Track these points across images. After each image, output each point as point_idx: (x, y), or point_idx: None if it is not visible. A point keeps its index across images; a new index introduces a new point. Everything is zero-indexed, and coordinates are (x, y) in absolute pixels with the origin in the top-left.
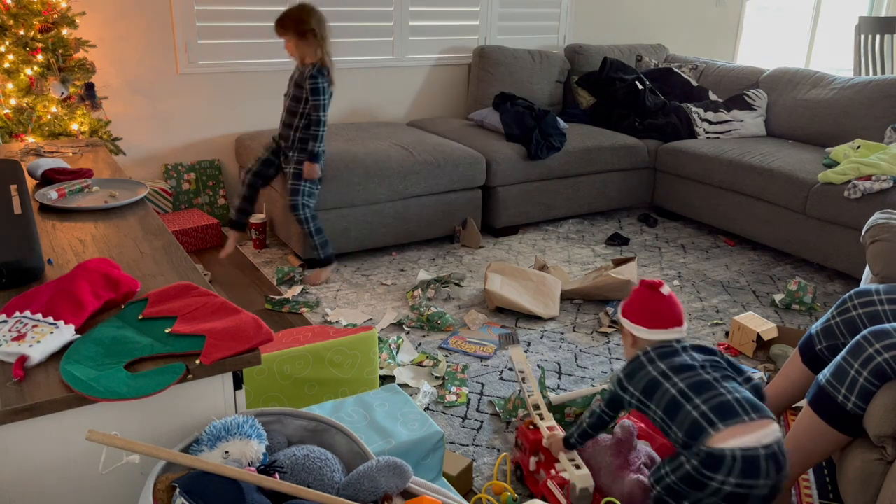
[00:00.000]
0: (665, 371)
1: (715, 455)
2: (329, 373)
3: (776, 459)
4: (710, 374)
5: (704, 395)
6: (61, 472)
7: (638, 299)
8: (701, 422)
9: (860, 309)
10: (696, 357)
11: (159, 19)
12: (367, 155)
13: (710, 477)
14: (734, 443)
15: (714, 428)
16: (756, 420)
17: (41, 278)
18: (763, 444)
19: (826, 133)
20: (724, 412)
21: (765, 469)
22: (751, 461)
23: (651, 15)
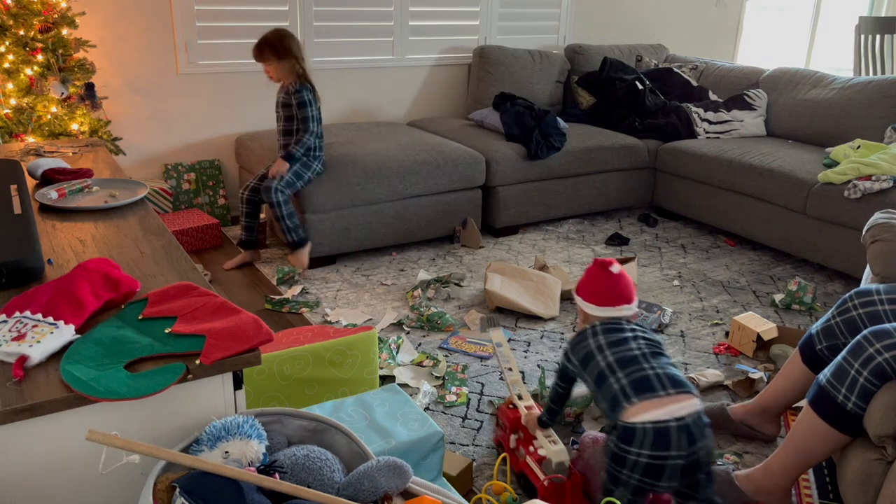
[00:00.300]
0: (601, 345)
1: (628, 429)
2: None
3: (689, 432)
4: (640, 349)
5: (627, 369)
6: (61, 472)
7: (589, 277)
8: (619, 395)
9: (860, 309)
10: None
11: (159, 19)
12: (367, 155)
13: (626, 451)
14: (646, 416)
15: (628, 401)
16: (672, 395)
17: (41, 278)
18: (675, 416)
19: (826, 133)
20: (641, 387)
21: (675, 441)
22: (661, 433)
23: (651, 15)
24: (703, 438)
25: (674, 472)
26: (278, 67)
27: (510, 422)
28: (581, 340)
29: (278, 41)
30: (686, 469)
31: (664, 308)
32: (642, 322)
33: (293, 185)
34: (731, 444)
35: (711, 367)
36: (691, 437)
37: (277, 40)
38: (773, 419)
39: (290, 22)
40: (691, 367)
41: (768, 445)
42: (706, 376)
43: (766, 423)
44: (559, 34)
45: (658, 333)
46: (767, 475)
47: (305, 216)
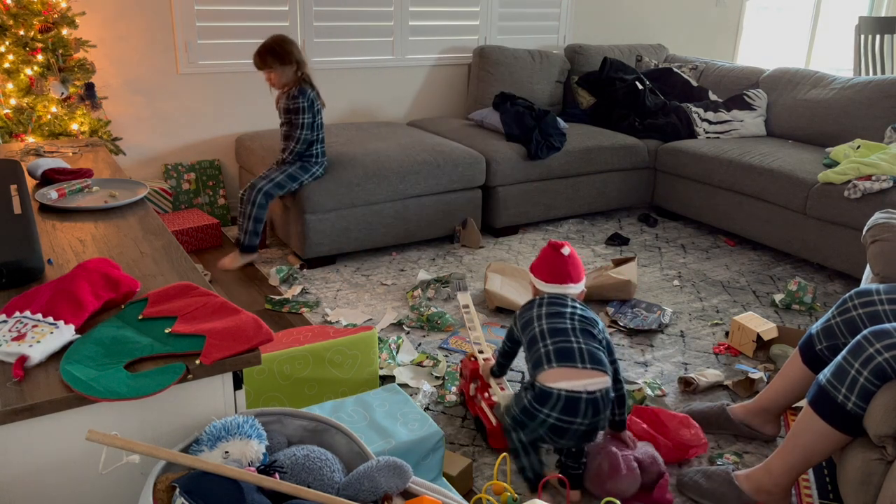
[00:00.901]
0: (541, 314)
1: (545, 392)
2: (329, 373)
3: (595, 404)
4: (573, 324)
5: (556, 338)
6: (61, 472)
7: (543, 257)
8: (542, 359)
9: (860, 309)
10: (575, 312)
11: (159, 19)
12: (367, 155)
13: (538, 409)
14: (562, 384)
15: (549, 365)
16: (589, 369)
17: (41, 278)
18: (587, 389)
19: (826, 133)
20: (563, 355)
21: (583, 410)
22: (572, 402)
23: (651, 15)
24: (605, 410)
25: (575, 435)
26: (281, 73)
27: (470, 372)
28: (527, 309)
29: (279, 46)
30: (586, 434)
31: (664, 308)
32: (642, 322)
33: (283, 187)
34: (731, 444)
35: (711, 367)
36: (596, 409)
37: (279, 45)
38: (773, 419)
39: (290, 22)
40: (691, 367)
41: (768, 445)
42: (706, 376)
43: (766, 423)
44: (559, 34)
45: (658, 333)
46: (767, 475)
47: (305, 216)
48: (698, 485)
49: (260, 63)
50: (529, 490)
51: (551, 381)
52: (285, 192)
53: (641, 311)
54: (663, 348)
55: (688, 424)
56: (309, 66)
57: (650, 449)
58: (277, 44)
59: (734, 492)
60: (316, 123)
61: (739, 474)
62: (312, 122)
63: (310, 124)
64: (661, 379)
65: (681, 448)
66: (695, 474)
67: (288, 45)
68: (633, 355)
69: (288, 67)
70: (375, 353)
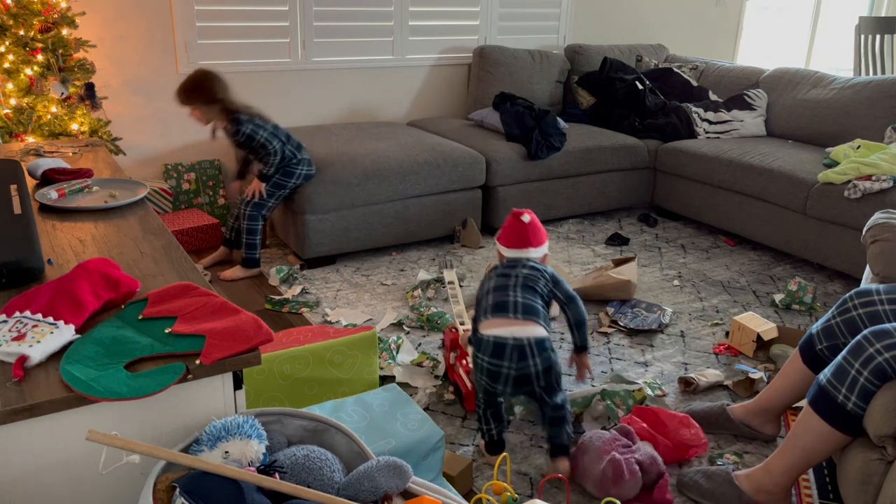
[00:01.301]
0: (492, 276)
1: (479, 338)
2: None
3: (521, 350)
4: (516, 281)
5: (496, 293)
6: (61, 472)
7: (506, 224)
8: (482, 312)
9: (860, 309)
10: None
11: (159, 19)
12: (367, 155)
13: (476, 355)
14: (492, 331)
15: (485, 317)
16: (520, 319)
17: (41, 278)
18: (514, 336)
19: (826, 133)
20: (498, 308)
21: (509, 354)
22: (499, 347)
23: (651, 15)
24: (535, 357)
25: (507, 380)
26: (206, 111)
27: (451, 341)
28: (487, 278)
29: (202, 83)
30: (518, 379)
31: (664, 308)
32: (642, 322)
33: (264, 205)
34: (731, 444)
35: (711, 367)
36: (522, 355)
37: (201, 83)
38: (773, 419)
39: (290, 22)
40: (691, 367)
41: (768, 445)
42: (706, 376)
43: (766, 423)
44: (559, 34)
45: (658, 333)
46: (767, 475)
47: (306, 216)
48: (698, 485)
49: (183, 99)
50: (486, 448)
51: (484, 329)
52: (274, 201)
53: (641, 311)
54: (663, 348)
55: (688, 424)
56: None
57: (650, 449)
58: (200, 80)
59: (734, 492)
60: (278, 133)
61: (739, 474)
62: (273, 133)
63: (271, 135)
64: (661, 379)
65: (681, 448)
66: (695, 474)
67: (210, 83)
68: (633, 355)
69: (212, 105)
70: (375, 353)
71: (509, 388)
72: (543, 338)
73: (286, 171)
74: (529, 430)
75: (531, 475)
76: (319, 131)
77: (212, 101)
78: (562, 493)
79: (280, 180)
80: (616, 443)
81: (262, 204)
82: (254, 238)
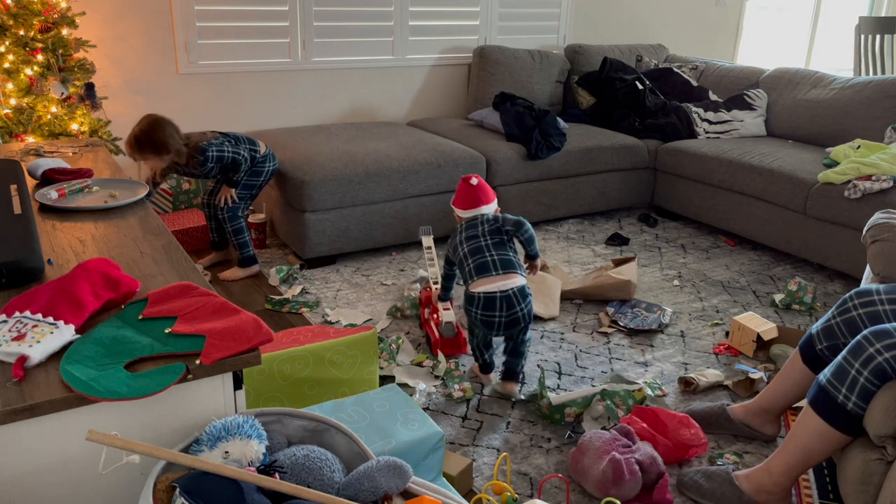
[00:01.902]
0: (462, 240)
1: (470, 296)
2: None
3: (509, 300)
4: (487, 241)
5: (475, 257)
6: (61, 472)
7: (459, 189)
8: (468, 275)
9: (861, 309)
10: (485, 229)
11: (159, 19)
12: (367, 155)
13: (469, 309)
14: (481, 289)
15: (472, 279)
16: (501, 274)
17: (41, 278)
18: (501, 289)
19: (826, 133)
20: (481, 269)
21: (499, 305)
22: (489, 300)
23: (651, 15)
24: (520, 304)
25: (500, 326)
26: (159, 161)
27: (425, 298)
28: (452, 237)
29: (158, 136)
30: (508, 324)
31: (664, 308)
32: (642, 322)
33: (239, 207)
34: (731, 444)
35: (711, 367)
36: (510, 304)
37: (157, 135)
38: (773, 419)
39: (290, 22)
40: (691, 367)
41: (768, 445)
42: (706, 376)
43: (766, 423)
44: (559, 34)
45: (658, 333)
46: (767, 475)
47: (305, 216)
48: (698, 485)
49: (135, 153)
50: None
51: (474, 288)
52: (248, 201)
53: (641, 311)
54: (663, 348)
55: (687, 424)
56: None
57: (649, 449)
58: (149, 132)
59: (734, 492)
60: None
61: (739, 474)
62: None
63: (234, 147)
64: (661, 379)
65: (681, 448)
66: (695, 474)
67: (162, 135)
68: (633, 355)
69: (166, 156)
70: (375, 353)
71: (501, 331)
72: (523, 285)
73: (254, 171)
74: (529, 431)
75: (531, 475)
76: (319, 131)
77: (165, 151)
78: (562, 493)
79: (249, 181)
80: (616, 443)
81: (237, 206)
82: (243, 237)
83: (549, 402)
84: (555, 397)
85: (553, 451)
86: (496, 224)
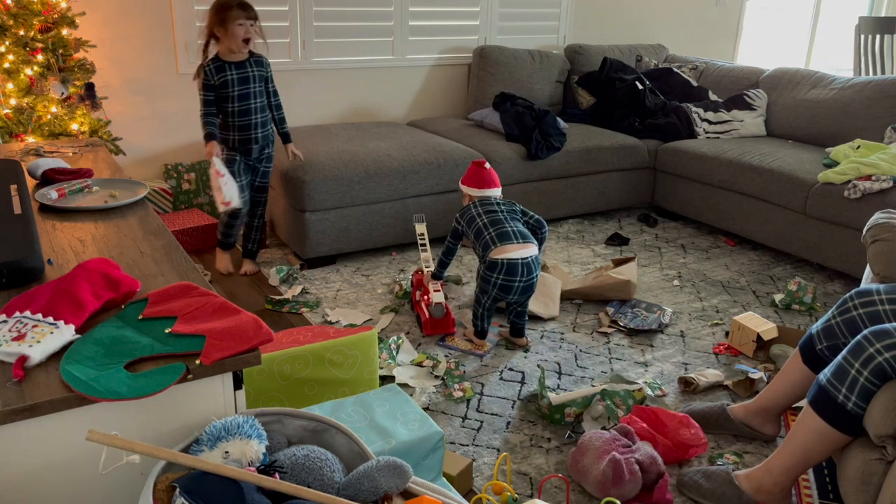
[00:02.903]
0: (479, 213)
1: (493, 262)
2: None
3: (528, 266)
4: (504, 215)
5: (495, 227)
6: (61, 472)
7: (472, 173)
8: (489, 242)
9: (861, 309)
10: (501, 206)
11: (159, 19)
12: (367, 155)
13: (490, 276)
14: (504, 256)
15: (494, 246)
16: (521, 243)
17: (41, 278)
18: (521, 257)
19: (826, 133)
20: (502, 237)
21: (520, 271)
22: (511, 266)
23: (651, 15)
24: (536, 270)
25: (517, 290)
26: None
27: (417, 282)
28: (466, 211)
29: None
30: (525, 289)
31: (664, 308)
32: (642, 322)
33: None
34: (731, 444)
35: (711, 367)
36: (529, 270)
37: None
38: (773, 419)
39: (290, 22)
40: (691, 367)
41: (768, 445)
42: (706, 376)
43: (766, 423)
44: (559, 34)
45: (658, 333)
46: (767, 475)
47: (305, 216)
48: (698, 485)
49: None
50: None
51: (496, 255)
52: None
53: (641, 311)
54: (663, 348)
55: (687, 424)
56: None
57: (649, 449)
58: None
59: (734, 492)
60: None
61: (739, 474)
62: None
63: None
64: (661, 379)
65: (680, 448)
66: (695, 474)
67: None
68: (633, 355)
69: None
70: (375, 353)
71: (516, 296)
72: (537, 255)
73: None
74: (529, 431)
75: (531, 475)
76: (319, 131)
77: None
78: (562, 493)
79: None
80: (616, 443)
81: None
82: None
83: (549, 402)
84: (555, 397)
85: (553, 451)
86: (514, 207)
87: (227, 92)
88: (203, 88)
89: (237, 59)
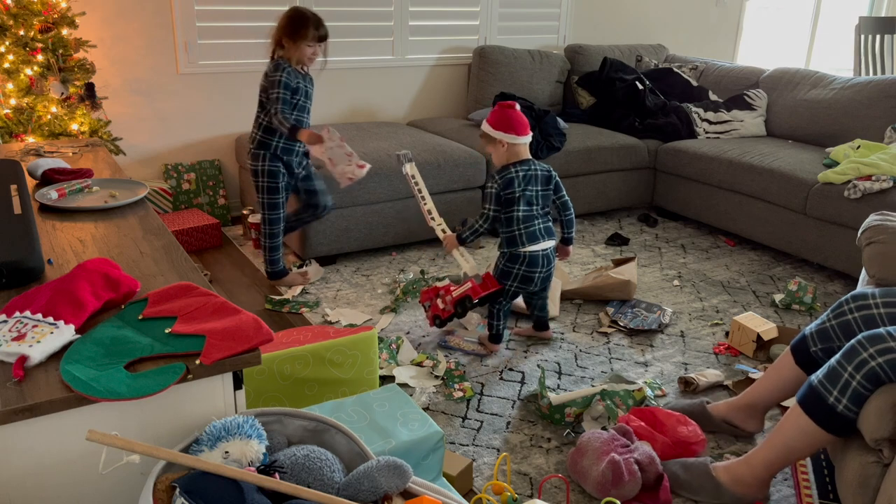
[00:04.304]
0: (518, 197)
1: (516, 254)
2: (329, 373)
3: (548, 258)
4: (537, 210)
5: (526, 224)
6: (61, 472)
7: (503, 116)
8: (517, 240)
9: (856, 312)
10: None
11: (159, 19)
12: (367, 155)
13: (511, 267)
14: (529, 249)
15: (522, 246)
16: (546, 239)
17: (41, 278)
18: (542, 249)
19: (826, 133)
20: (531, 237)
21: (541, 263)
22: (534, 258)
23: (651, 15)
24: (553, 262)
25: (538, 281)
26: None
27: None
28: (506, 175)
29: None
30: (545, 279)
31: (664, 308)
32: (642, 322)
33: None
34: (730, 443)
35: (711, 367)
36: (548, 261)
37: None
38: (757, 415)
39: None
40: (691, 367)
41: (748, 442)
42: (706, 376)
43: (749, 419)
44: (559, 34)
45: (658, 333)
46: (747, 467)
47: None
48: (675, 476)
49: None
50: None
51: (522, 249)
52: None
53: (641, 311)
54: (663, 348)
55: (685, 422)
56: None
57: (648, 448)
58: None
59: (711, 483)
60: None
61: (718, 466)
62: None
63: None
64: (661, 379)
65: (680, 445)
66: (673, 465)
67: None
68: (633, 355)
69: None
70: (375, 353)
71: (537, 286)
72: (555, 246)
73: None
74: (529, 431)
75: (531, 475)
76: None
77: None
78: (562, 492)
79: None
80: (615, 443)
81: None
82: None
83: (549, 402)
84: (555, 397)
85: (553, 451)
86: (549, 188)
87: (294, 99)
88: (282, 87)
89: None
